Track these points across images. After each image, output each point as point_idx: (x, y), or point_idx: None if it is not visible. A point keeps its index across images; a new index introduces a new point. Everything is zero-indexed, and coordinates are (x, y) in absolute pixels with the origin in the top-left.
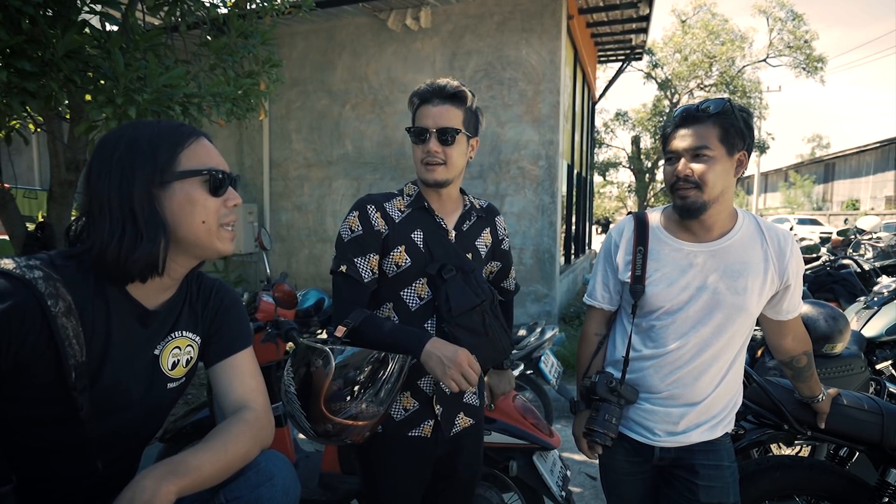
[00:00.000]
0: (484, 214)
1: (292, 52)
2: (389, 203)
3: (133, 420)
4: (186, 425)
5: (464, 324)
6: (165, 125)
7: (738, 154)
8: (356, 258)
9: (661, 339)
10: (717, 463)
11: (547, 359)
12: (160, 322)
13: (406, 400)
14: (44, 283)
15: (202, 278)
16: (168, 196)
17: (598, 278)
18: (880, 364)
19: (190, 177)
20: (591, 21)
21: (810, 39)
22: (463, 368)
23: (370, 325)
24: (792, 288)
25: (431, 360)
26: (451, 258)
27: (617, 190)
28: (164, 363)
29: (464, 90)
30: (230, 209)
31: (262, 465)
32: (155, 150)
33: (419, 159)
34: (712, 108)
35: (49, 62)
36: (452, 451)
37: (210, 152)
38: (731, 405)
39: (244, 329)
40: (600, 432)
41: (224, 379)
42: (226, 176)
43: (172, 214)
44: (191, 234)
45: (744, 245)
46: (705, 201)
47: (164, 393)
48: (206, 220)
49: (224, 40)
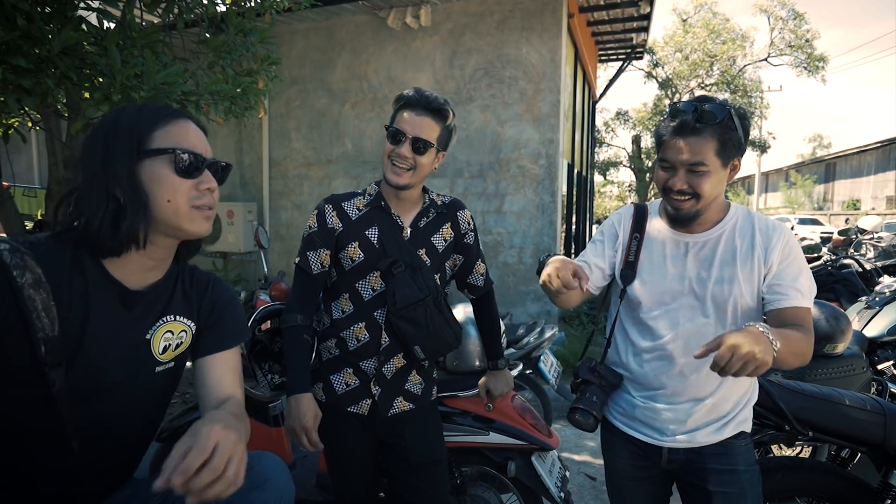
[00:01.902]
0: (445, 210)
1: (292, 50)
2: (348, 202)
3: (116, 407)
4: (183, 425)
5: (408, 316)
6: (151, 106)
7: (731, 162)
8: (308, 252)
9: (656, 329)
10: (731, 467)
11: (546, 358)
12: (147, 305)
13: (348, 376)
14: (9, 254)
15: (196, 270)
16: (142, 172)
17: (586, 252)
18: (882, 364)
19: (157, 155)
20: (592, 20)
21: (811, 38)
22: (304, 430)
23: (287, 338)
24: (776, 273)
25: (290, 408)
26: (402, 254)
27: (617, 189)
28: (156, 347)
29: (447, 109)
30: (202, 192)
31: (254, 468)
32: (134, 127)
33: (387, 155)
34: (711, 120)
35: (45, 59)
36: (395, 433)
37: (188, 134)
38: (742, 403)
39: (241, 326)
40: (582, 409)
41: (213, 371)
42: (197, 158)
43: (145, 190)
44: (158, 211)
45: (734, 235)
46: (699, 209)
47: (151, 377)
48: (172, 200)
49: (222, 38)
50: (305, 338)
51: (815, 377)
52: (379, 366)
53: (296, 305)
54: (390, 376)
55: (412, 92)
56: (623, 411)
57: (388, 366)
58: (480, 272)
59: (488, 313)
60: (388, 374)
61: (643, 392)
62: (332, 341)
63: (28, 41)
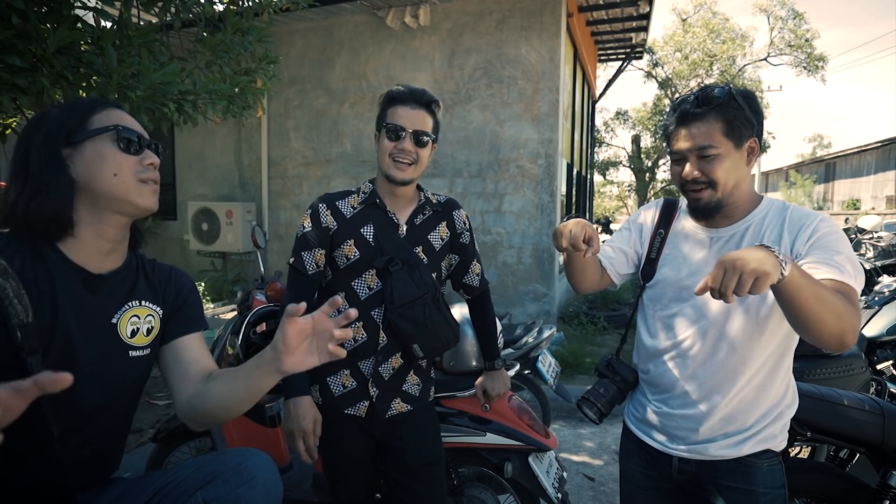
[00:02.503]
0: (440, 209)
1: (290, 50)
2: (343, 201)
3: (94, 392)
4: (179, 425)
5: (406, 315)
6: (85, 98)
7: (747, 143)
8: (303, 252)
9: (673, 328)
10: (748, 487)
11: (545, 358)
12: (110, 290)
13: (345, 377)
14: None
15: (156, 262)
16: (80, 154)
17: (613, 238)
18: (881, 364)
19: (99, 134)
20: (591, 19)
21: (811, 38)
22: (303, 434)
23: None
24: (805, 255)
25: (289, 411)
26: (398, 252)
27: (617, 189)
28: (123, 331)
29: (437, 101)
30: (146, 167)
31: (242, 465)
32: (66, 115)
33: (387, 153)
34: (712, 102)
35: (41, 58)
36: (392, 435)
37: (124, 118)
38: (769, 417)
39: (202, 313)
40: (590, 401)
41: (191, 351)
42: (139, 136)
43: (85, 169)
44: (104, 187)
45: (761, 227)
46: (720, 198)
47: (125, 362)
48: (119, 174)
49: (220, 37)
50: None
51: (813, 377)
52: (376, 366)
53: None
54: (388, 377)
55: (402, 88)
56: (638, 414)
57: (386, 366)
58: (476, 272)
59: (484, 313)
60: (385, 374)
61: (657, 394)
62: None
63: (23, 40)
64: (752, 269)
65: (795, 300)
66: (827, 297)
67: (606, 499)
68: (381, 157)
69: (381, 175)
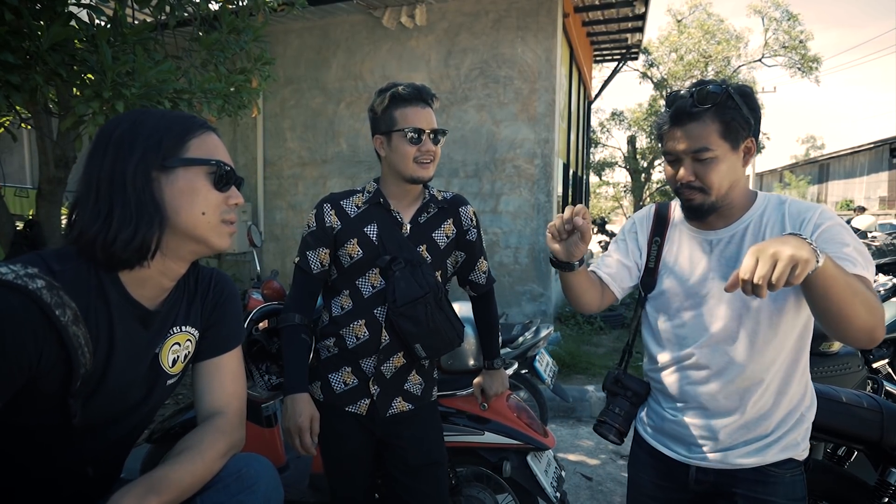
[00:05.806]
0: (446, 206)
1: (286, 49)
2: (347, 200)
3: (128, 424)
4: (174, 426)
5: (408, 314)
6: (178, 113)
7: (744, 144)
8: (308, 252)
9: (682, 336)
10: (768, 498)
11: (542, 358)
12: (161, 322)
13: (347, 375)
14: (48, 292)
15: (198, 268)
16: (170, 181)
17: (610, 251)
18: (877, 362)
19: (196, 165)
20: (587, 20)
21: (805, 39)
22: (299, 431)
23: (285, 338)
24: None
25: (287, 408)
26: (402, 251)
27: (613, 190)
28: (165, 361)
29: (435, 94)
30: (231, 207)
31: (242, 470)
32: (163, 133)
33: (411, 157)
34: (708, 100)
35: (34, 55)
36: (394, 434)
37: (219, 147)
38: (789, 422)
39: (237, 326)
40: (607, 423)
41: (206, 378)
42: (232, 172)
43: (172, 200)
44: (189, 223)
45: (760, 225)
46: (713, 202)
47: (162, 390)
48: (207, 212)
49: (215, 36)
50: (303, 337)
51: (810, 375)
52: (378, 364)
53: (294, 305)
54: (389, 376)
55: (407, 87)
56: (653, 424)
57: (388, 365)
58: (483, 269)
59: (488, 312)
60: (387, 373)
61: (671, 404)
62: (330, 339)
63: (16, 36)
64: (789, 256)
65: (829, 291)
66: (859, 289)
67: (604, 498)
68: (404, 162)
69: (396, 176)
